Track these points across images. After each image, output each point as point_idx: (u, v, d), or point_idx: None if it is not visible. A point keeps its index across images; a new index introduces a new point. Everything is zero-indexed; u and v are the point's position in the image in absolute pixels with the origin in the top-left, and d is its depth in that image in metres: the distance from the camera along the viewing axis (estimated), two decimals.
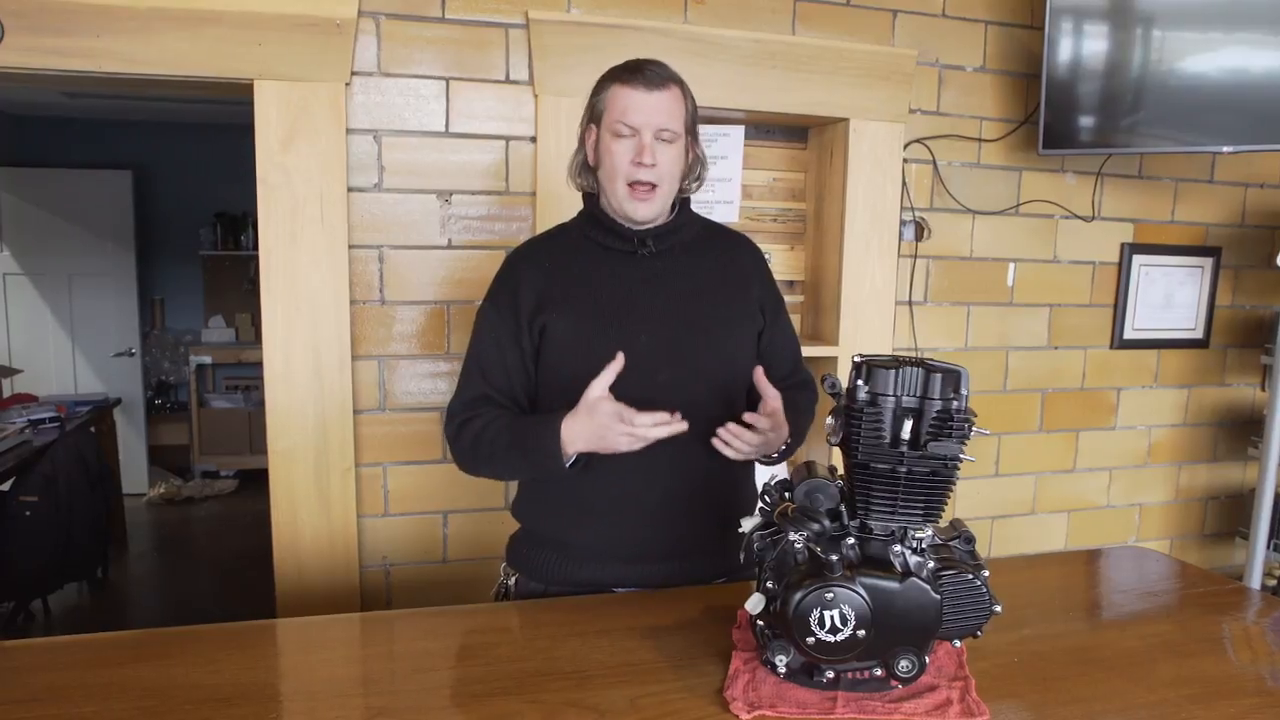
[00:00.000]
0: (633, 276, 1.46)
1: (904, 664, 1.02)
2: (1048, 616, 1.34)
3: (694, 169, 1.49)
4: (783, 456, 1.50)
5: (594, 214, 1.49)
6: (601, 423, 1.29)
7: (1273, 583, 2.86)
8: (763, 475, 1.54)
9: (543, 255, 1.52)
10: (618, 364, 1.30)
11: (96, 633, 1.26)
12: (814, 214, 2.53)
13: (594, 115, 1.46)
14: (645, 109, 1.38)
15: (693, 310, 1.47)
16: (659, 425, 1.28)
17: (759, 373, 1.37)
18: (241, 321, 6.14)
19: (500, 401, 1.46)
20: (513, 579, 1.54)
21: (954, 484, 1.05)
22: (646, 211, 1.43)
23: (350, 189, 2.06)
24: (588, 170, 1.50)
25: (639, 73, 1.40)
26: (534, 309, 1.44)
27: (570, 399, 1.36)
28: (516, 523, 1.57)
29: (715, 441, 1.36)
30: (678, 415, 1.29)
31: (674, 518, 1.45)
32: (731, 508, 1.46)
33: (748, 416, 1.35)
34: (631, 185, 1.40)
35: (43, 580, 3.54)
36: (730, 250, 1.57)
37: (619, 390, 1.34)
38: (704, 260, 1.52)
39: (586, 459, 1.36)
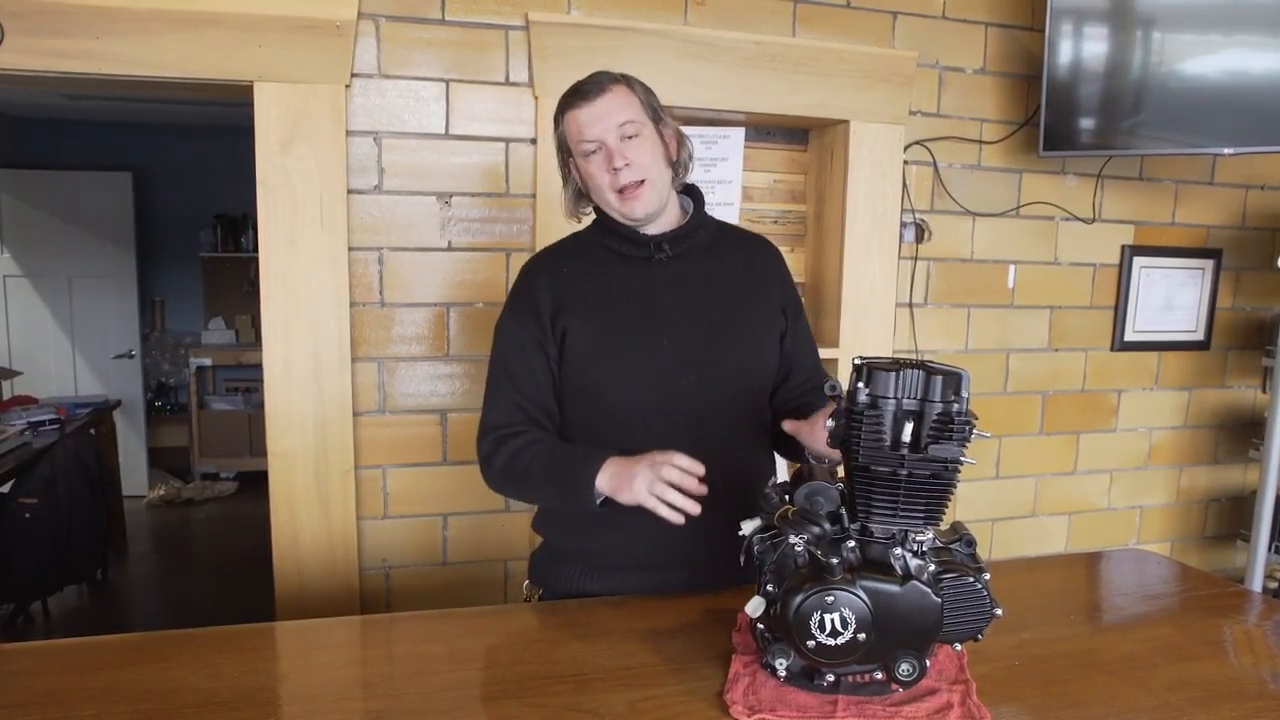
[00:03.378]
0: (652, 281, 1.46)
1: (905, 667, 1.02)
2: (1048, 619, 1.34)
3: (678, 151, 1.48)
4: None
5: (607, 223, 1.49)
6: (635, 464, 1.27)
7: (1274, 585, 2.85)
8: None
9: (560, 263, 1.51)
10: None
11: (96, 635, 1.26)
12: (814, 216, 2.53)
13: (563, 149, 1.48)
14: (595, 119, 1.40)
15: (715, 313, 1.46)
16: (684, 473, 1.25)
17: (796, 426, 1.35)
18: (241, 323, 6.14)
19: (534, 414, 1.45)
20: (537, 594, 1.53)
21: (955, 487, 1.04)
22: (642, 208, 1.42)
23: (350, 191, 2.06)
24: (584, 198, 1.51)
25: (578, 92, 1.43)
26: (554, 313, 1.44)
27: (592, 406, 1.40)
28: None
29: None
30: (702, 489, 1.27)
31: (695, 523, 1.40)
32: (752, 513, 1.46)
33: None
34: (619, 191, 1.41)
35: (42, 582, 3.54)
36: (748, 252, 1.57)
37: (643, 396, 1.38)
38: (723, 262, 1.51)
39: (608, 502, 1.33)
